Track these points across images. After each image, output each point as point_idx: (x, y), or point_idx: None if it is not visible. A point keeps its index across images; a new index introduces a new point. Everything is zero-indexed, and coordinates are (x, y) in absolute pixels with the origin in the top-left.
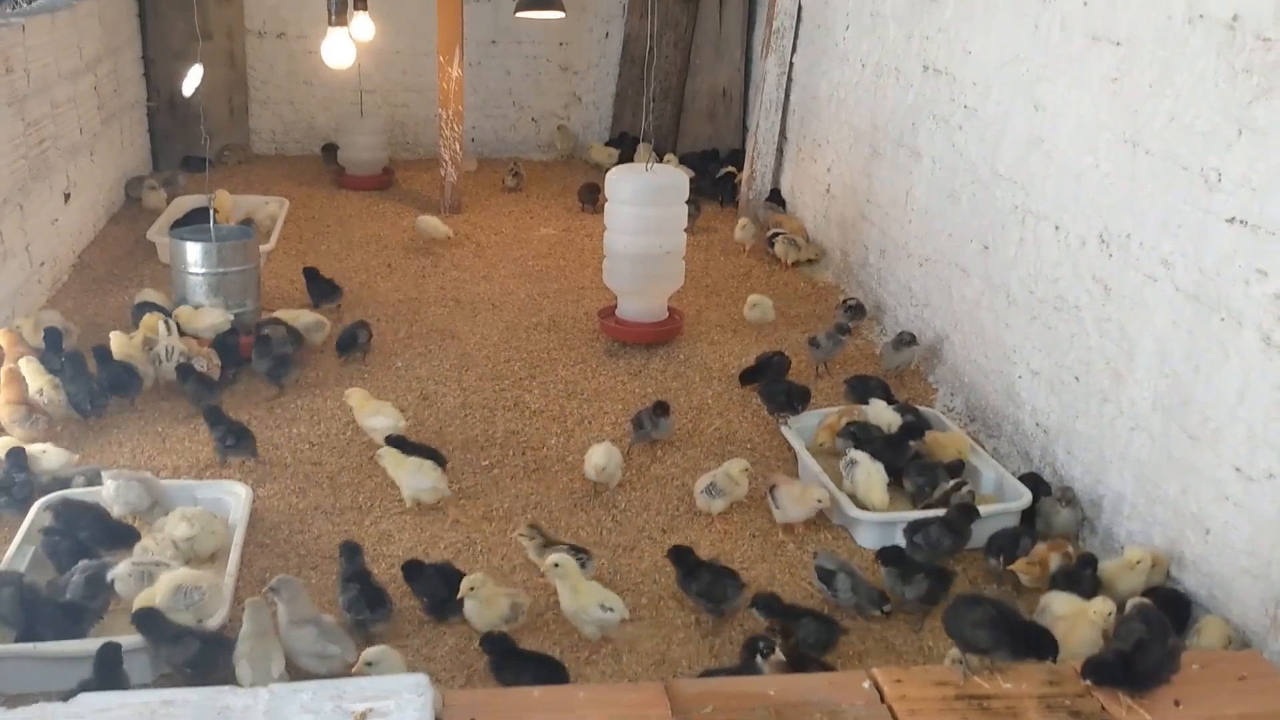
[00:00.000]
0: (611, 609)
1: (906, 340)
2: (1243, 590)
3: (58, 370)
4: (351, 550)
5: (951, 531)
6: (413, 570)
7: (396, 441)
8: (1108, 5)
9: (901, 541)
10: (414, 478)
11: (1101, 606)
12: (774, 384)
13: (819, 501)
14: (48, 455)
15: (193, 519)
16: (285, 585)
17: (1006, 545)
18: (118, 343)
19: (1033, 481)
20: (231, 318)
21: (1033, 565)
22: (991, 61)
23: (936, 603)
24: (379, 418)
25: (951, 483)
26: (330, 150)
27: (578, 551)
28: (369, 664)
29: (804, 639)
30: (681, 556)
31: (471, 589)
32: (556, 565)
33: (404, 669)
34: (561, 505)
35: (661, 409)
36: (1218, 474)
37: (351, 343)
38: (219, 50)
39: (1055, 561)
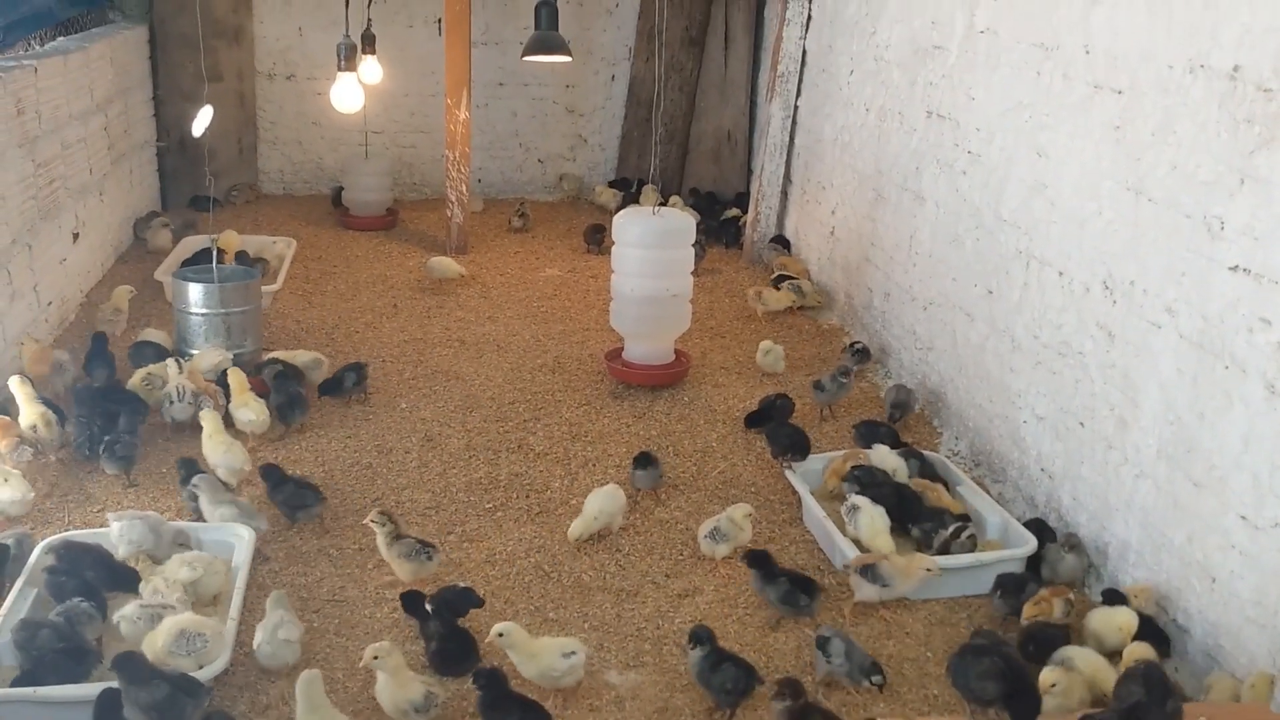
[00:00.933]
0: (573, 652)
1: (843, 374)
2: (1249, 640)
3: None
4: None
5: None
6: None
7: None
8: (1109, 55)
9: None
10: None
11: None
12: (779, 428)
13: (928, 570)
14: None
15: (194, 563)
16: (204, 481)
17: (1012, 590)
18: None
19: (1038, 527)
20: (230, 356)
21: (1037, 605)
22: (995, 108)
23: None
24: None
25: (951, 529)
26: (339, 194)
27: (424, 545)
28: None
29: None
30: (761, 561)
31: (375, 658)
32: (501, 635)
33: None
34: (564, 548)
35: (641, 460)
36: (1223, 522)
37: (337, 386)
38: (229, 91)
39: (1059, 606)
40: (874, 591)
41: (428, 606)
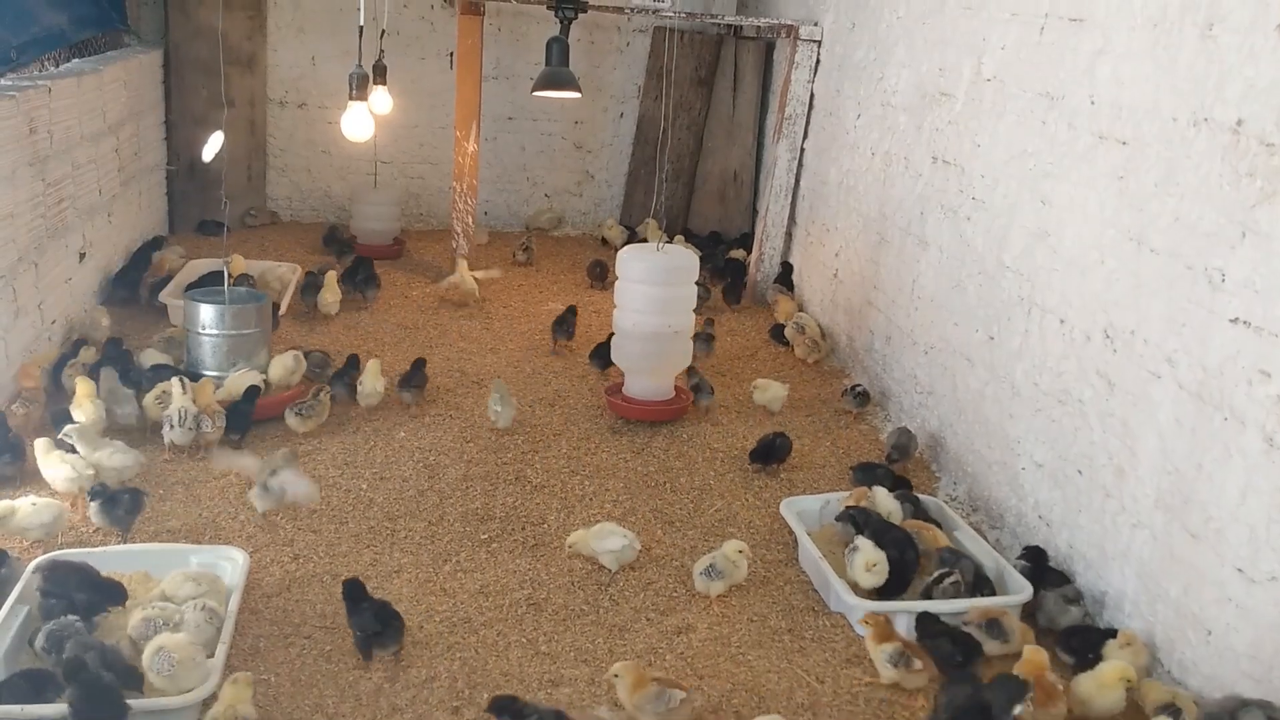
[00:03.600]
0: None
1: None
2: (1245, 694)
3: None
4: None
5: None
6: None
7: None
8: (1114, 106)
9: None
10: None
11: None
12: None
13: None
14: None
15: (198, 579)
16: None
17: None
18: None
19: (1035, 555)
20: (263, 378)
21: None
22: (1000, 155)
23: None
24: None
25: (935, 574)
26: (334, 234)
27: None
28: None
29: None
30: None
31: (616, 675)
32: (617, 676)
33: None
34: (559, 582)
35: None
36: (1220, 575)
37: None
38: (240, 118)
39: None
40: (996, 647)
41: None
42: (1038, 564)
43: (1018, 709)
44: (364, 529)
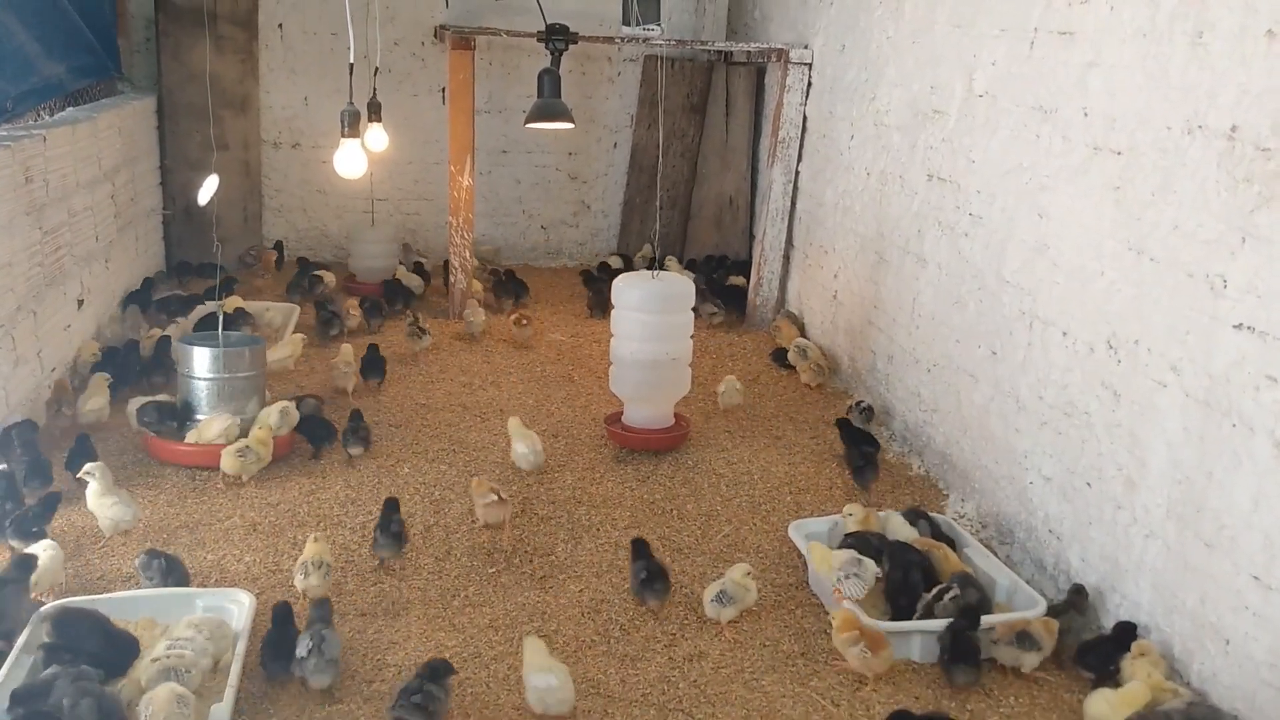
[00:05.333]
0: None
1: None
2: (1266, 703)
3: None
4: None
5: None
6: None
7: None
8: (1107, 116)
9: (915, 653)
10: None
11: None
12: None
13: None
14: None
15: (201, 625)
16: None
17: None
18: None
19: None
20: (237, 421)
21: None
22: (995, 170)
23: None
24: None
25: (934, 591)
26: (301, 279)
27: None
28: None
29: None
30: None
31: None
32: None
33: None
34: (569, 614)
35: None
36: (1235, 583)
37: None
38: (234, 160)
39: None
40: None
41: None
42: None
43: None
44: (370, 566)
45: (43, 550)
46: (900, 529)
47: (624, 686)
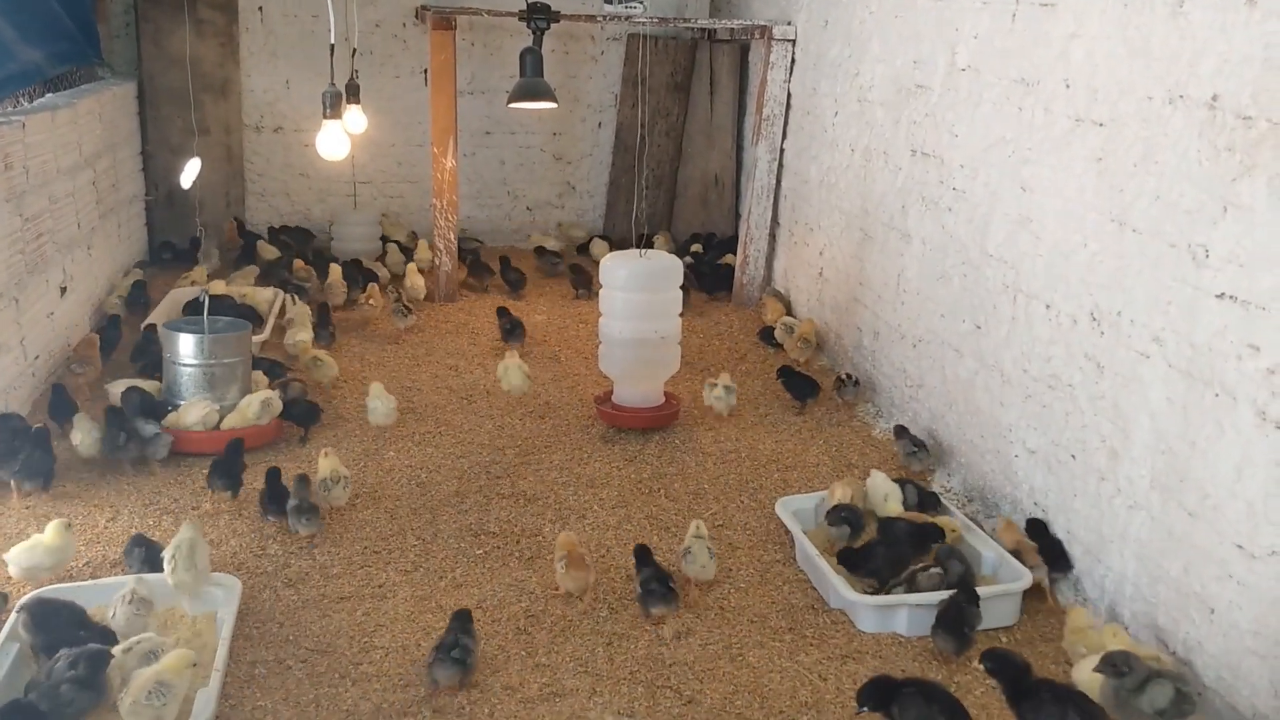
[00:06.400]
0: None
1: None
2: (1250, 671)
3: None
4: None
5: None
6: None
7: None
8: (1089, 88)
9: (903, 627)
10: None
11: None
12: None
13: None
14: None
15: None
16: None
17: None
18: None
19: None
20: (217, 408)
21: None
22: (978, 144)
23: None
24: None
25: (921, 564)
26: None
27: None
28: None
29: None
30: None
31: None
32: None
33: None
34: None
35: None
36: (1220, 552)
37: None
38: (216, 145)
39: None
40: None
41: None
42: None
43: None
44: (357, 550)
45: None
46: (882, 484)
47: (611, 665)
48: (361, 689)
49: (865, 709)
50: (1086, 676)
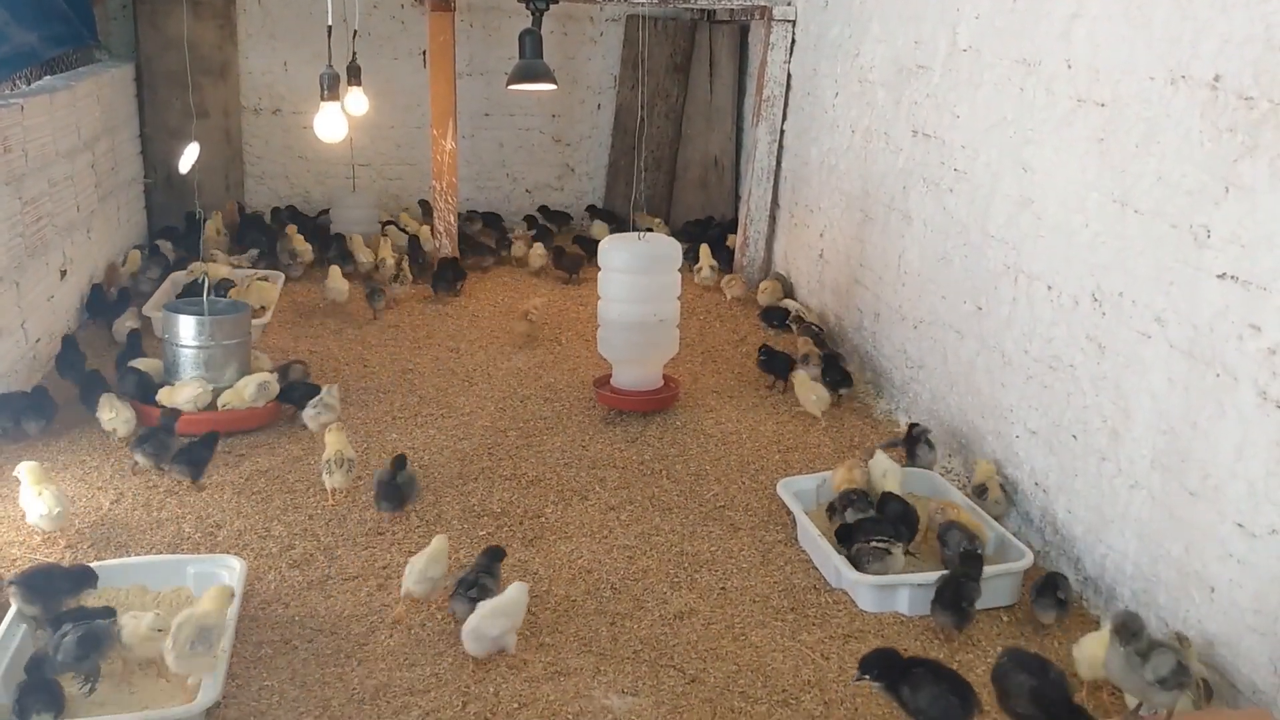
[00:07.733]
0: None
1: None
2: (1250, 649)
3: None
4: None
5: None
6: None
7: None
8: (1091, 68)
9: (904, 606)
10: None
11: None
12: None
13: None
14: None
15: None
16: None
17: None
18: None
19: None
20: (210, 389)
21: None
22: (979, 125)
23: None
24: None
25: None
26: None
27: None
28: None
29: None
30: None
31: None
32: None
33: None
34: (559, 574)
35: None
36: (1220, 531)
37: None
38: (215, 127)
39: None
40: None
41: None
42: None
43: None
44: (360, 531)
45: None
46: (882, 462)
47: (615, 644)
48: (367, 668)
49: (866, 677)
50: (1088, 652)
